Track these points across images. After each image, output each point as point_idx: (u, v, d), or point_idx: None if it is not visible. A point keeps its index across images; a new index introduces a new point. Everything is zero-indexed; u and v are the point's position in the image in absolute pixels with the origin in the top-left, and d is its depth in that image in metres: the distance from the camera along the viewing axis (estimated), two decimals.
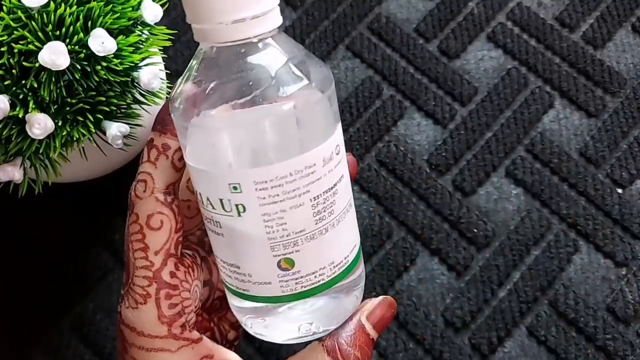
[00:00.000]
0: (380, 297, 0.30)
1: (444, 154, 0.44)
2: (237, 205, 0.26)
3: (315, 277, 0.28)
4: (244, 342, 0.41)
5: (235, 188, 0.26)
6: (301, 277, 0.27)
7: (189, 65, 0.27)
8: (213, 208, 0.27)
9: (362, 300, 0.30)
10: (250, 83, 0.26)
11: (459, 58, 0.46)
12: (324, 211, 0.27)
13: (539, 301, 0.40)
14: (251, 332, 0.30)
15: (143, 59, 0.33)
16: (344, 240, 0.28)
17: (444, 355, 0.39)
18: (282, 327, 0.29)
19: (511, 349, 0.39)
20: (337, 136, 0.27)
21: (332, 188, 0.27)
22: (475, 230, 0.42)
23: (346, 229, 0.29)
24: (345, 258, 0.28)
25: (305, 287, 0.28)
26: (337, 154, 0.27)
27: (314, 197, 0.26)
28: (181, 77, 0.27)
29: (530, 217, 0.42)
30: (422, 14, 0.48)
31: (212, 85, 0.26)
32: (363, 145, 0.45)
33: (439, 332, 0.40)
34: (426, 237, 0.42)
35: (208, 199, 0.27)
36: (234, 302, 0.30)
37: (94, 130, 0.33)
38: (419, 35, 0.47)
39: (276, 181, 0.26)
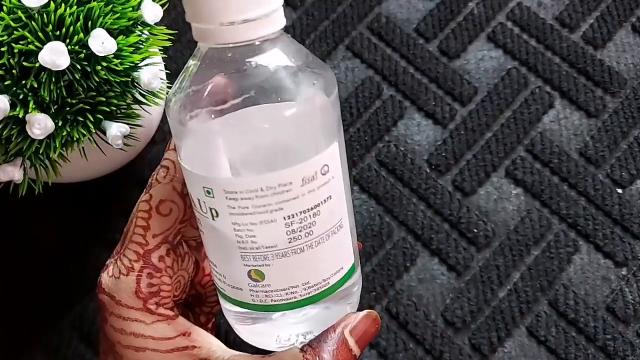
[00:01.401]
0: (365, 312, 0.29)
1: (444, 154, 0.44)
2: (211, 209, 0.26)
3: (287, 294, 0.27)
4: None
5: (208, 192, 0.25)
6: (271, 290, 0.27)
7: (186, 65, 0.26)
8: (195, 206, 0.27)
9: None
10: (239, 88, 0.25)
11: (459, 58, 0.46)
12: (300, 231, 0.25)
13: (539, 301, 0.40)
14: (242, 336, 0.29)
15: (143, 59, 0.33)
16: (324, 262, 0.27)
17: (444, 355, 0.39)
18: (276, 334, 0.29)
19: (511, 349, 0.39)
20: (327, 155, 0.25)
21: (312, 209, 0.25)
22: (475, 230, 0.42)
23: (329, 251, 0.27)
24: (324, 280, 0.27)
25: (275, 301, 0.27)
26: (324, 174, 0.25)
27: (288, 216, 0.25)
28: (179, 77, 0.27)
29: (530, 217, 0.42)
30: (422, 14, 0.48)
31: (204, 87, 0.25)
32: (363, 145, 0.45)
33: (439, 332, 0.40)
34: (426, 237, 0.42)
35: (191, 197, 0.27)
36: (225, 305, 0.30)
37: (94, 131, 0.33)
38: (419, 35, 0.47)
39: (246, 194, 0.25)
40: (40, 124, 0.30)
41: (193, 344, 0.29)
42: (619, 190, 0.42)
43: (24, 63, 0.30)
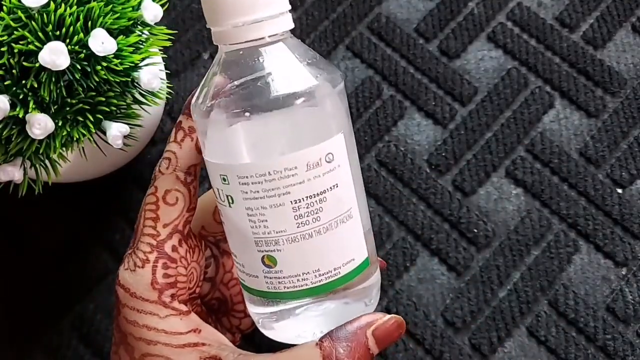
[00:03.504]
0: (392, 316, 0.29)
1: (444, 154, 0.44)
2: (227, 196, 0.28)
3: (298, 280, 0.28)
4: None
5: (224, 180, 0.28)
6: (284, 277, 0.28)
7: (211, 66, 0.29)
8: (217, 197, 0.29)
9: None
10: (254, 82, 0.27)
11: (459, 58, 0.46)
12: (307, 216, 0.27)
13: (539, 301, 0.40)
14: (266, 333, 0.31)
15: (143, 59, 0.33)
16: (333, 250, 0.28)
17: (444, 355, 0.39)
18: (299, 330, 0.30)
19: (511, 349, 0.39)
20: (332, 144, 0.27)
21: (318, 195, 0.27)
22: (475, 230, 0.42)
23: (339, 240, 0.28)
24: (335, 269, 0.28)
25: (288, 288, 0.28)
26: (329, 162, 0.27)
27: (295, 200, 0.27)
28: (205, 76, 0.29)
29: (530, 217, 0.42)
30: (422, 14, 0.48)
31: (221, 84, 0.28)
32: (363, 145, 0.45)
33: (439, 332, 0.40)
34: (426, 237, 0.42)
35: (214, 190, 0.29)
36: (251, 308, 0.31)
37: (94, 130, 0.33)
38: (419, 35, 0.47)
39: (256, 177, 0.27)
40: (40, 124, 0.30)
41: (203, 341, 0.29)
42: (619, 190, 0.42)
43: (24, 63, 0.30)
